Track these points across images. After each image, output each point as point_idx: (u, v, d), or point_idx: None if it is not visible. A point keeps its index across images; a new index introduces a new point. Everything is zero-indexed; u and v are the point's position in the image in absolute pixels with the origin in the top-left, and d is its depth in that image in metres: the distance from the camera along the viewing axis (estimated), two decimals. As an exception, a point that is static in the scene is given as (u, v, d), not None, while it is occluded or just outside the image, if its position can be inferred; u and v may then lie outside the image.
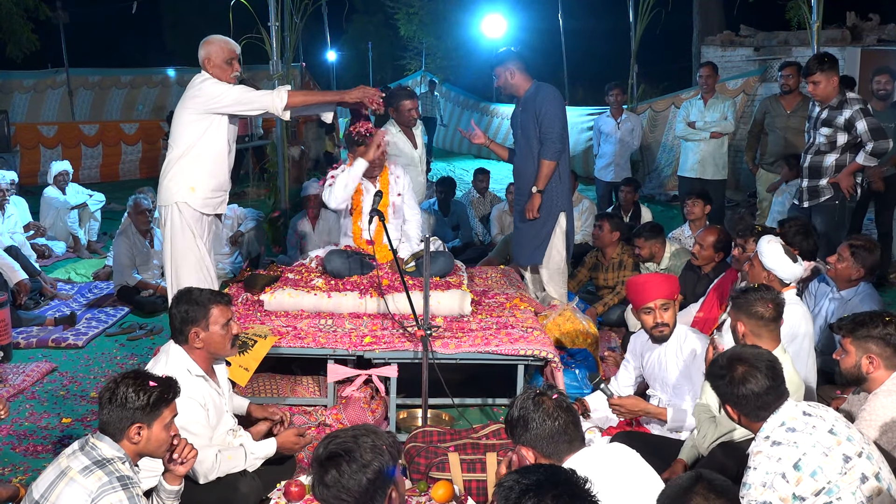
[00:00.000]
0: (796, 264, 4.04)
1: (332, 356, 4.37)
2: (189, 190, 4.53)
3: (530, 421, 2.51)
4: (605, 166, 8.81)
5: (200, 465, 3.17)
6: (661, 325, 3.82)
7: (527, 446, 2.54)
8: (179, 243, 4.58)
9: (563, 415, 2.53)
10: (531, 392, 2.60)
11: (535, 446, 2.52)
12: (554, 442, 2.50)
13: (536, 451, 2.53)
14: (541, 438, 2.51)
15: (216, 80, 4.52)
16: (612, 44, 16.01)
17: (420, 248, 5.13)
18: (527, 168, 5.56)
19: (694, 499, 2.18)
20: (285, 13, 7.45)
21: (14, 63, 15.65)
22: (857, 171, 5.69)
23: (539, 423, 2.50)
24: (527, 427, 2.52)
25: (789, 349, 3.58)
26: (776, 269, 4.01)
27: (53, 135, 13.68)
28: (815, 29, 7.44)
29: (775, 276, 4.00)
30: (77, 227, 8.59)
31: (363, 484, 2.15)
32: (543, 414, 2.51)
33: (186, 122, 4.52)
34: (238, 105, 4.53)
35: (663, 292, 3.82)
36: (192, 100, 4.51)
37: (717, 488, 2.20)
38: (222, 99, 4.47)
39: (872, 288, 4.57)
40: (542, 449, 2.51)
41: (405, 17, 20.99)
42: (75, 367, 5.41)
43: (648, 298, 3.82)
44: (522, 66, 5.52)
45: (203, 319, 3.27)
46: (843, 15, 10.94)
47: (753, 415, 2.68)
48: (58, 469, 2.58)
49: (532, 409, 2.53)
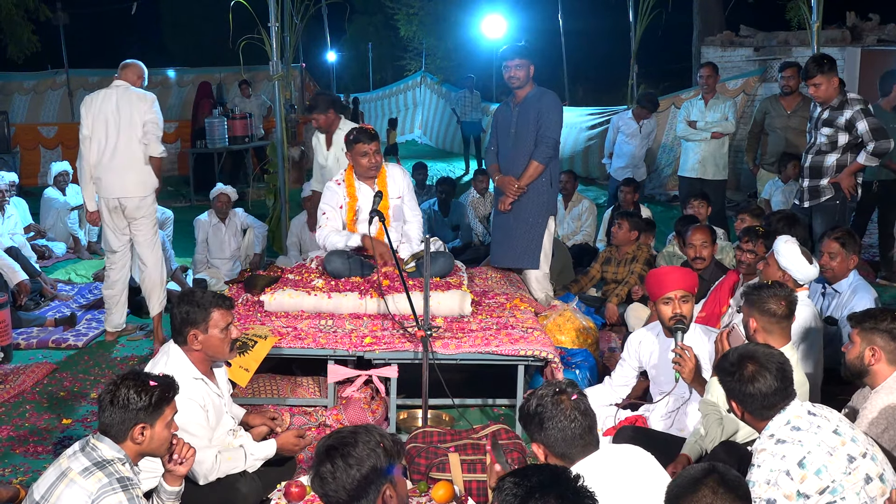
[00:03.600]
0: (812, 266, 4.06)
1: (332, 357, 4.36)
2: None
3: (546, 420, 2.48)
4: (623, 167, 8.67)
5: (200, 465, 3.17)
6: (679, 317, 3.75)
7: (538, 444, 2.52)
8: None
9: (582, 419, 2.48)
10: (551, 388, 2.54)
11: (548, 446, 2.49)
12: (568, 445, 2.47)
13: (548, 451, 2.50)
14: (556, 440, 2.47)
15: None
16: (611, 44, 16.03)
17: (420, 248, 5.13)
18: (517, 168, 5.58)
19: (702, 490, 2.18)
20: (285, 14, 7.44)
21: (14, 64, 15.66)
22: (858, 171, 5.70)
23: (555, 425, 2.46)
24: (542, 426, 2.48)
25: (799, 349, 3.59)
26: (791, 270, 4.03)
27: (53, 136, 13.70)
28: (815, 29, 7.44)
29: (790, 276, 4.02)
30: (77, 227, 8.59)
31: (356, 479, 2.16)
32: (561, 416, 2.47)
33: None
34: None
35: (684, 284, 3.81)
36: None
37: (727, 483, 2.20)
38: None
39: (861, 277, 4.64)
40: (556, 450, 2.48)
41: (405, 18, 21.00)
42: (75, 367, 5.40)
43: (669, 288, 3.79)
44: (533, 68, 5.54)
45: (203, 322, 3.27)
46: (843, 15, 10.95)
47: (758, 413, 2.69)
48: (58, 470, 2.58)
49: (550, 408, 2.48)
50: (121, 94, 5.49)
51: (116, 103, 5.46)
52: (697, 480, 2.22)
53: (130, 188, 5.51)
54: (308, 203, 7.22)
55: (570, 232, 7.91)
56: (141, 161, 5.51)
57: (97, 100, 5.52)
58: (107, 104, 5.47)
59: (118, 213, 5.58)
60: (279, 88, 7.29)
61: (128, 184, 5.50)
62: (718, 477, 2.21)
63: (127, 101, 5.46)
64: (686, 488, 2.22)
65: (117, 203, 5.54)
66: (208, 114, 12.30)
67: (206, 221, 7.46)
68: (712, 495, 2.17)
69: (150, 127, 5.46)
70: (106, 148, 5.48)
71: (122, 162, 5.47)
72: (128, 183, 5.50)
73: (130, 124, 5.44)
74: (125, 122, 5.44)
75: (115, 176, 5.49)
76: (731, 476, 2.24)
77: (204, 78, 14.43)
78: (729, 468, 2.30)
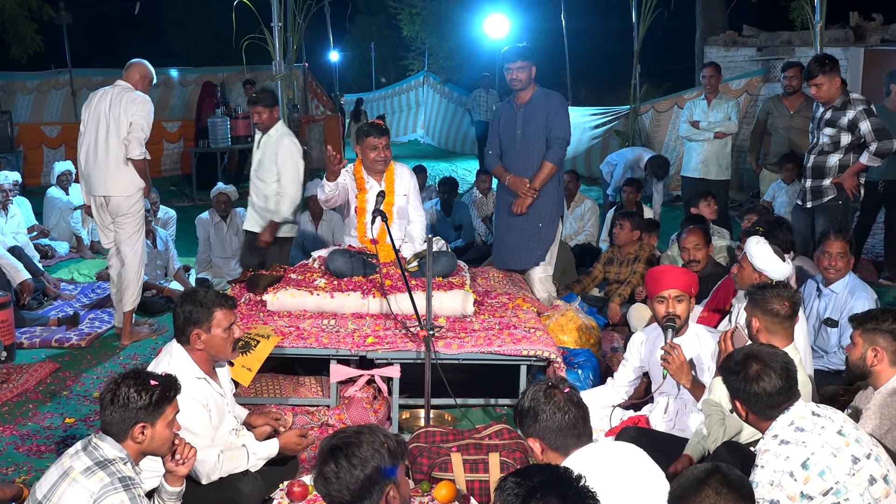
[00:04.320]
0: (785, 263, 4.07)
1: (334, 356, 4.36)
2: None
3: (540, 413, 2.54)
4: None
5: (203, 465, 3.17)
6: (672, 316, 3.77)
7: (534, 437, 2.57)
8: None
9: (574, 409, 2.55)
10: (543, 384, 2.62)
11: (543, 438, 2.55)
12: (563, 435, 2.53)
13: (544, 443, 2.55)
14: (550, 431, 2.53)
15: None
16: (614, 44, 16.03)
17: (423, 248, 5.13)
18: (525, 169, 5.57)
19: (705, 490, 2.19)
20: (288, 13, 7.46)
21: (18, 64, 15.66)
22: (861, 171, 5.69)
23: (549, 416, 2.53)
24: (536, 419, 2.55)
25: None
26: (767, 270, 4.02)
27: (56, 135, 13.71)
28: (819, 29, 7.44)
29: (766, 276, 4.01)
30: (80, 227, 8.60)
31: (360, 479, 2.17)
32: (554, 407, 2.54)
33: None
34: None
35: (679, 284, 3.82)
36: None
37: (731, 483, 2.20)
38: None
39: (857, 278, 4.65)
40: (551, 442, 2.54)
41: (408, 18, 20.99)
42: (78, 367, 5.41)
43: (663, 287, 3.81)
44: (535, 69, 5.54)
45: (206, 322, 3.27)
46: (846, 15, 10.91)
47: (762, 413, 2.69)
48: (60, 469, 2.58)
49: (543, 402, 2.55)
50: (116, 94, 5.55)
51: (110, 102, 5.53)
52: (701, 481, 2.22)
53: (113, 187, 5.56)
54: (311, 203, 7.23)
55: (572, 232, 7.90)
56: (124, 161, 5.55)
57: (95, 98, 5.61)
58: (102, 103, 5.55)
59: (104, 209, 5.66)
60: (282, 88, 7.29)
61: (111, 182, 5.56)
62: (721, 477, 2.22)
63: (120, 101, 5.51)
64: (689, 488, 2.22)
65: (103, 200, 5.62)
66: (211, 113, 12.32)
67: (207, 220, 7.46)
68: (715, 496, 2.18)
69: (134, 128, 5.49)
70: (96, 146, 5.55)
71: (108, 160, 5.54)
72: (111, 181, 5.56)
73: (118, 124, 5.49)
74: (114, 122, 5.50)
75: (100, 174, 5.56)
76: (734, 476, 2.24)
77: (207, 78, 14.45)
78: (732, 468, 2.30)
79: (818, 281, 4.70)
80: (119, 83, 5.61)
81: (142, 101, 5.54)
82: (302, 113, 12.95)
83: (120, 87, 5.59)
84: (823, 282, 4.65)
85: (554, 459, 2.52)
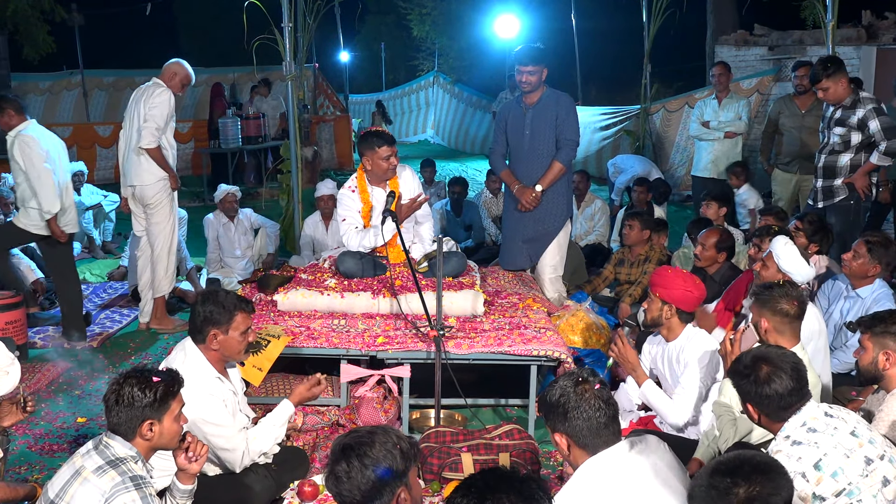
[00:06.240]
0: (809, 266, 4.07)
1: (345, 356, 4.37)
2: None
3: (570, 410, 2.43)
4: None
5: (233, 452, 3.26)
6: (646, 312, 3.91)
7: (561, 433, 2.48)
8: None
9: (606, 408, 2.45)
10: (573, 378, 2.50)
11: (572, 436, 2.45)
12: (594, 435, 2.43)
13: (571, 441, 2.47)
14: (581, 430, 2.43)
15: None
16: (625, 44, 15.98)
17: (433, 248, 5.13)
18: (534, 170, 5.57)
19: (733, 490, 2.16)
20: (298, 14, 7.47)
21: (30, 65, 15.75)
22: (872, 170, 5.66)
23: (580, 415, 2.43)
24: (566, 416, 2.44)
25: (807, 348, 3.57)
26: (792, 272, 4.01)
27: (68, 136, 13.70)
28: (830, 28, 7.39)
29: (790, 278, 3.99)
30: (92, 227, 8.64)
31: (371, 480, 2.16)
32: (586, 405, 2.43)
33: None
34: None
35: (660, 287, 3.83)
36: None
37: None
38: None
39: (888, 286, 4.55)
40: (579, 440, 2.45)
41: (418, 18, 20.99)
42: (90, 366, 5.43)
43: (650, 286, 3.90)
44: (546, 72, 5.54)
45: (226, 323, 3.29)
46: (858, 13, 10.85)
47: (775, 415, 2.67)
48: (72, 468, 2.59)
49: (574, 398, 2.44)
50: (144, 90, 5.86)
51: (138, 98, 5.86)
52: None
53: (135, 176, 5.89)
54: (321, 203, 7.25)
55: (582, 232, 7.89)
56: (139, 151, 5.83)
57: (133, 95, 5.96)
58: (134, 99, 5.91)
59: (135, 199, 6.00)
60: (292, 89, 7.31)
61: (134, 172, 5.90)
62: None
63: (143, 96, 5.81)
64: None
65: (131, 190, 5.98)
66: (221, 114, 12.36)
67: (214, 221, 7.47)
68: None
69: (148, 118, 5.74)
70: (128, 139, 5.91)
71: (129, 152, 5.91)
72: (134, 172, 5.89)
73: (139, 117, 5.79)
74: (137, 116, 5.82)
75: (129, 165, 5.94)
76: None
77: (217, 78, 14.50)
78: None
79: (846, 283, 4.64)
80: (154, 80, 5.90)
81: (159, 94, 5.78)
82: (312, 113, 12.96)
83: (152, 84, 5.87)
84: (851, 284, 4.60)
85: (580, 457, 2.45)
